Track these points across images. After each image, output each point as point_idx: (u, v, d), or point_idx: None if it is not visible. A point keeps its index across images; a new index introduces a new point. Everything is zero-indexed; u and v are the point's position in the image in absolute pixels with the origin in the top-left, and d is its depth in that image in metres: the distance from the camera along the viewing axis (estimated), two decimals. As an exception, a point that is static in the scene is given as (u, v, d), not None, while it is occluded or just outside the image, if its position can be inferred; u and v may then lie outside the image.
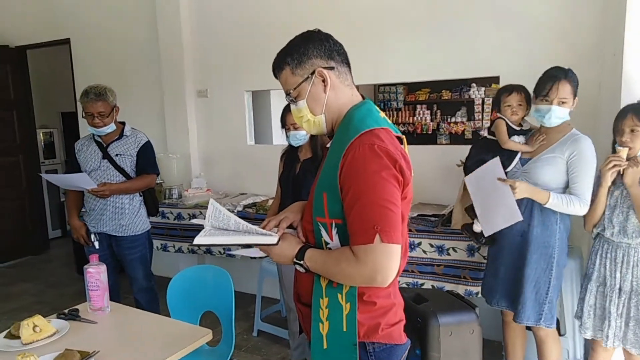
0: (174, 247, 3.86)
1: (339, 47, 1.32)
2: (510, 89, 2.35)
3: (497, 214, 2.19)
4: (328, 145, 1.34)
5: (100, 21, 4.54)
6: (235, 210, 3.54)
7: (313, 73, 1.28)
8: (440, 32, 3.15)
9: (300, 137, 2.58)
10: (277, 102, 4.58)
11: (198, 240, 1.29)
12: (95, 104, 2.73)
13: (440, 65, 3.20)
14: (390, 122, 1.32)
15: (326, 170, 1.27)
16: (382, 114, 1.32)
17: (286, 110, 2.59)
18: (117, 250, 2.95)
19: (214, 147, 4.22)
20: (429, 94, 6.46)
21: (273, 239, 1.30)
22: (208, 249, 3.70)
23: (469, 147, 3.17)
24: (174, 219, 3.81)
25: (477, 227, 2.37)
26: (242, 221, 1.36)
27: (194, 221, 1.42)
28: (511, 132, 2.30)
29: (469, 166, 2.39)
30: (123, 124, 2.95)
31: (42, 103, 5.89)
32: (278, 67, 1.33)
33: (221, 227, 1.35)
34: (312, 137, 2.60)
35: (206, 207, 1.31)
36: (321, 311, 1.29)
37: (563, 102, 2.11)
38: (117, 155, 2.87)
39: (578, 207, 2.10)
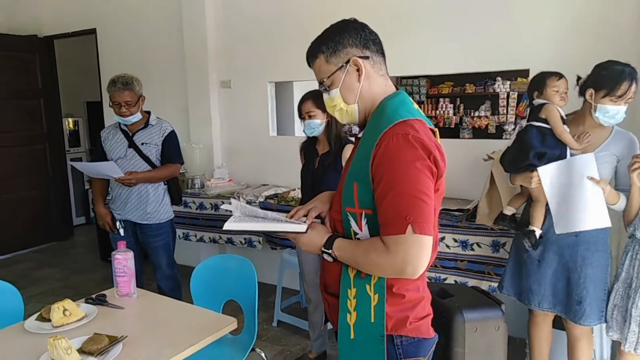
0: (195, 236, 3.90)
1: (374, 37, 1.31)
2: (559, 74, 2.17)
3: (581, 213, 2.02)
4: (359, 135, 1.33)
5: (125, 11, 4.58)
6: (257, 201, 3.56)
7: (348, 62, 1.27)
8: (469, 23, 3.09)
9: (315, 125, 2.55)
10: (300, 93, 4.53)
11: (228, 225, 1.29)
12: (122, 93, 2.76)
13: (468, 57, 3.14)
14: (423, 114, 1.30)
15: (357, 160, 1.26)
16: (416, 106, 1.30)
17: (303, 99, 2.58)
18: (142, 238, 2.99)
19: (236, 137, 4.23)
20: (452, 87, 6.37)
21: (302, 227, 1.30)
22: (229, 239, 3.72)
23: (494, 141, 3.11)
24: (196, 209, 3.84)
25: (538, 233, 2.21)
26: (269, 212, 1.37)
27: (224, 207, 1.43)
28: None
29: (530, 158, 2.12)
30: (148, 113, 2.98)
31: (68, 92, 5.97)
32: (312, 55, 1.32)
33: (250, 215, 1.36)
34: (327, 129, 2.58)
35: (228, 197, 1.31)
36: (349, 301, 1.29)
37: (627, 103, 2.02)
38: (142, 144, 2.89)
39: None
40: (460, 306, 1.97)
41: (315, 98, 2.52)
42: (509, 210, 2.39)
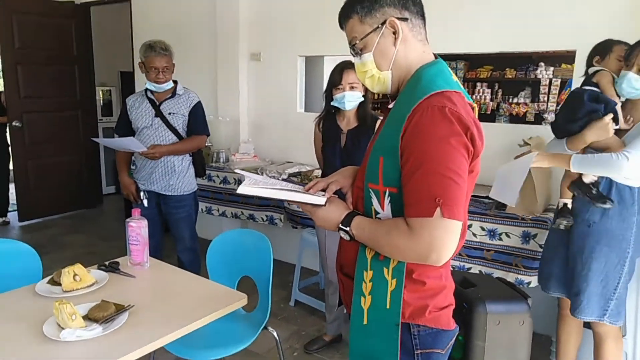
0: (218, 210, 3.88)
1: None
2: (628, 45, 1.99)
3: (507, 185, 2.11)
4: (390, 106, 1.22)
5: (160, -20, 4.54)
6: (280, 178, 3.49)
7: (384, 23, 1.16)
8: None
9: (357, 98, 2.39)
10: (331, 69, 4.44)
11: (242, 189, 1.22)
12: (162, 58, 2.74)
13: (510, 36, 2.94)
14: (462, 86, 1.18)
15: (386, 132, 1.15)
16: (455, 77, 1.18)
17: (344, 68, 2.40)
18: (165, 209, 2.97)
19: (263, 112, 4.16)
20: (492, 71, 6.11)
21: (321, 200, 1.22)
22: (251, 215, 3.68)
23: (533, 127, 2.93)
24: (220, 183, 3.81)
25: (569, 203, 2.12)
26: (284, 182, 1.30)
27: (239, 171, 1.36)
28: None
29: (585, 100, 1.96)
30: (175, 82, 2.93)
31: (102, 61, 6.01)
32: (345, 14, 1.21)
33: (266, 183, 1.29)
34: (361, 104, 2.45)
35: (253, 173, 1.28)
36: (364, 284, 1.20)
37: None
38: (169, 114, 2.86)
39: (614, 159, 1.82)
40: (483, 297, 1.85)
41: None
42: (569, 202, 2.18)
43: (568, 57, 5.15)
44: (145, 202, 2.94)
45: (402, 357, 1.17)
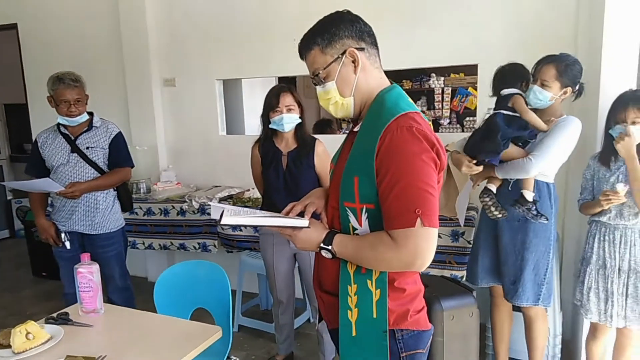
0: (143, 243, 3.70)
1: (369, 29, 1.30)
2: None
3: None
4: (356, 129, 1.31)
5: (52, 3, 4.23)
6: (211, 203, 3.43)
7: (343, 53, 1.25)
8: (419, 20, 3.16)
9: (294, 120, 2.44)
10: (249, 90, 4.46)
11: (226, 220, 1.23)
12: (73, 90, 2.57)
13: (419, 53, 3.21)
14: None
15: (357, 154, 1.24)
16: (410, 100, 1.30)
17: (280, 92, 2.44)
18: (91, 249, 2.74)
19: (183, 138, 4.05)
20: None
21: (304, 222, 1.27)
22: (182, 245, 3.57)
23: (444, 134, 3.17)
24: (144, 215, 3.64)
25: (493, 188, 2.29)
26: (263, 212, 1.32)
27: (213, 203, 1.36)
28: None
29: (498, 142, 2.14)
30: (91, 114, 2.77)
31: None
32: (306, 47, 1.29)
33: (247, 213, 1.31)
34: (298, 126, 2.51)
35: (178, 201, 1.23)
36: (349, 298, 1.27)
37: (544, 85, 2.14)
38: (87, 148, 2.69)
39: (521, 163, 2.13)
40: (437, 296, 2.01)
41: (292, 91, 2.46)
42: (493, 187, 2.35)
43: (456, 68, 5.69)
44: (67, 244, 2.74)
45: (390, 361, 1.26)
